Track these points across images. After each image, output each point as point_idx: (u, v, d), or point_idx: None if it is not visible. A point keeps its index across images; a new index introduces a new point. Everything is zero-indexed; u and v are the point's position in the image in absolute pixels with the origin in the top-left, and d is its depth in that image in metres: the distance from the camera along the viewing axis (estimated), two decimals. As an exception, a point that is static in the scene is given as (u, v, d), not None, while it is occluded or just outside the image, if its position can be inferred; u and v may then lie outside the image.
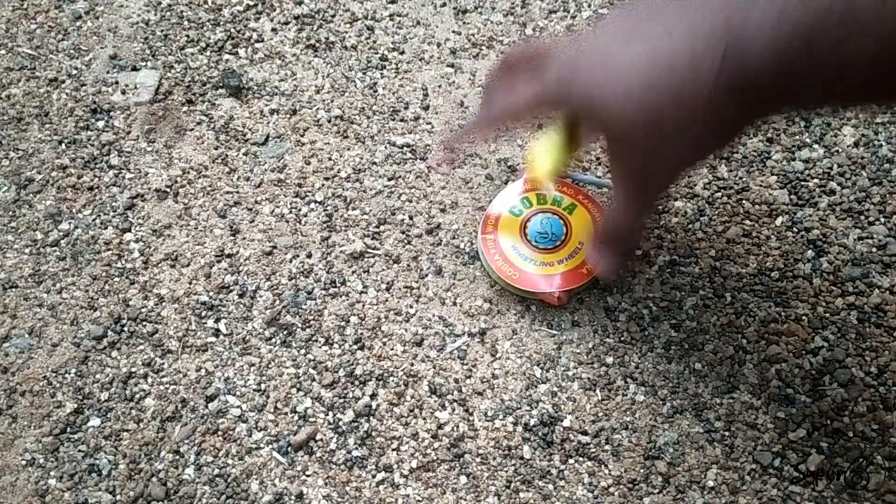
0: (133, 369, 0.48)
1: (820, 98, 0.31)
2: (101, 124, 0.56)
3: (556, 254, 0.48)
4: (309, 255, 0.51)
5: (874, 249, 0.50)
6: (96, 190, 0.54)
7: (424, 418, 0.46)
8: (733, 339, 0.47)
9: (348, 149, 0.54)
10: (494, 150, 0.54)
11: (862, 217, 0.51)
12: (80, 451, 0.46)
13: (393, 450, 0.45)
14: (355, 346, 0.48)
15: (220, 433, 0.46)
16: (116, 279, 0.51)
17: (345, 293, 0.50)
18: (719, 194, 0.52)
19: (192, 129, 0.56)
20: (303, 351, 0.48)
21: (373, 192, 0.53)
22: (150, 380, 0.48)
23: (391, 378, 0.47)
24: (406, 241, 0.51)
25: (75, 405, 0.47)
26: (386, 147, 0.54)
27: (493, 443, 0.45)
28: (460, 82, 0.56)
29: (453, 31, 0.58)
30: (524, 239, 0.49)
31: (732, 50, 0.29)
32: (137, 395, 0.47)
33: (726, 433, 0.45)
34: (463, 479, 0.44)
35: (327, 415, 0.46)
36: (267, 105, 0.56)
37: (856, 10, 0.27)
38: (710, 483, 0.44)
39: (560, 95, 0.37)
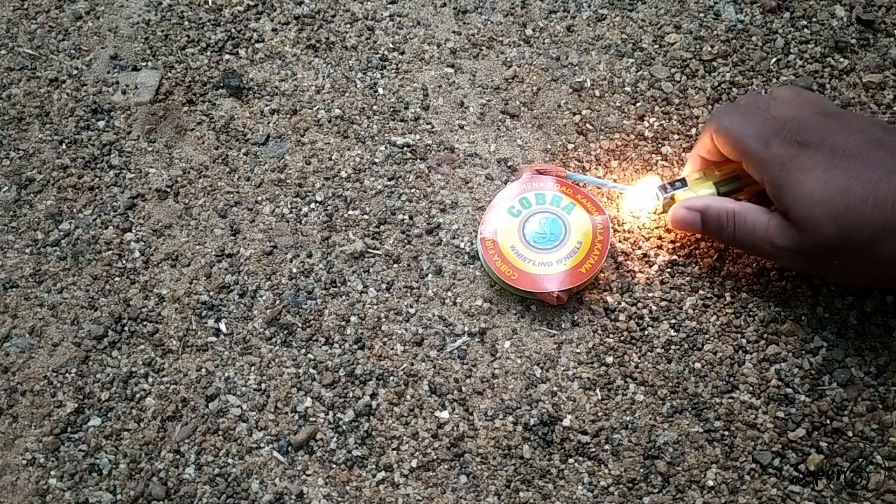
0: (133, 369, 0.48)
1: None
2: (101, 124, 0.56)
3: (554, 254, 0.48)
4: (309, 255, 0.51)
5: (874, 249, 0.50)
6: (97, 190, 0.54)
7: (424, 418, 0.46)
8: (733, 339, 0.47)
9: (348, 149, 0.54)
10: (494, 150, 0.54)
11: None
12: (80, 450, 0.46)
13: (393, 449, 0.45)
14: (355, 346, 0.48)
15: (220, 433, 0.46)
16: (117, 279, 0.51)
17: (345, 293, 0.50)
18: (719, 194, 0.52)
19: (192, 129, 0.56)
20: (303, 350, 0.48)
21: (373, 192, 0.53)
22: (150, 379, 0.48)
23: (391, 378, 0.47)
24: (406, 241, 0.51)
25: (76, 405, 0.47)
26: (386, 147, 0.54)
27: (493, 442, 0.45)
28: (460, 82, 0.56)
29: (453, 31, 0.58)
30: (523, 239, 0.49)
31: None
32: (138, 395, 0.47)
33: (726, 433, 0.45)
34: (463, 478, 0.44)
35: (327, 414, 0.46)
36: (267, 105, 0.56)
37: None
38: (710, 483, 0.44)
39: (766, 163, 0.44)
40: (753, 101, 0.47)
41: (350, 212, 0.52)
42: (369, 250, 0.51)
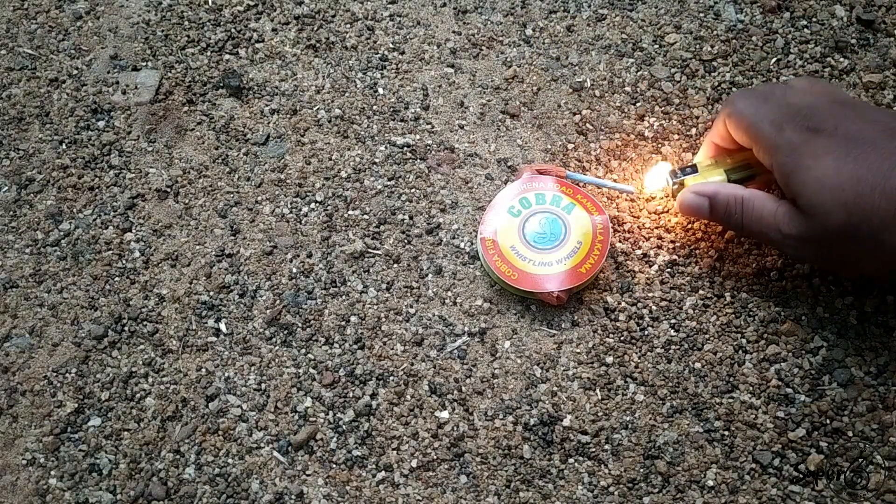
0: (133, 369, 0.48)
1: None
2: (101, 124, 0.56)
3: (554, 253, 0.48)
4: (309, 255, 0.51)
5: (874, 249, 0.50)
6: (97, 190, 0.54)
7: (424, 418, 0.46)
8: (733, 339, 0.47)
9: (348, 149, 0.54)
10: (494, 150, 0.54)
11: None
12: (80, 450, 0.46)
13: (393, 449, 0.45)
14: (355, 346, 0.48)
15: (220, 433, 0.46)
16: (117, 279, 0.51)
17: (345, 293, 0.50)
18: (719, 194, 0.52)
19: (192, 129, 0.56)
20: (303, 350, 0.48)
21: (373, 192, 0.53)
22: (150, 379, 0.48)
23: (391, 377, 0.47)
24: (406, 241, 0.51)
25: (76, 405, 0.47)
26: (386, 147, 0.54)
27: (493, 442, 0.45)
28: (460, 82, 0.56)
29: (453, 31, 0.58)
30: (523, 239, 0.49)
31: None
32: (138, 395, 0.47)
33: (726, 433, 0.45)
34: (463, 478, 0.44)
35: (327, 414, 0.46)
36: (267, 105, 0.56)
37: None
38: (710, 482, 0.44)
39: (777, 148, 0.43)
40: (769, 87, 0.46)
41: (350, 212, 0.52)
42: (369, 250, 0.51)
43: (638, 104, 0.55)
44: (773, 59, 0.56)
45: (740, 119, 0.45)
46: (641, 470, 0.44)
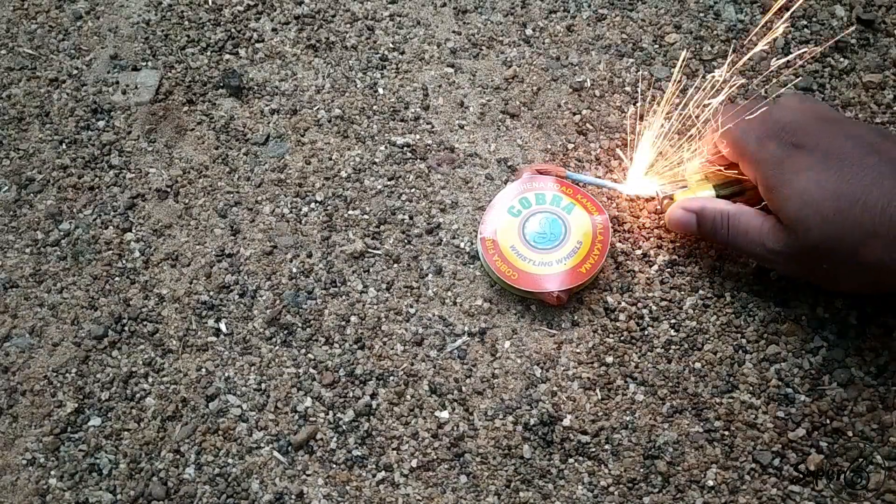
0: (134, 369, 0.48)
1: None
2: (101, 124, 0.56)
3: (554, 254, 0.48)
4: (309, 255, 0.51)
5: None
6: (97, 190, 0.54)
7: (424, 418, 0.46)
8: (733, 338, 0.47)
9: (348, 149, 0.54)
10: (494, 150, 0.54)
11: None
12: (80, 450, 0.46)
13: (393, 449, 0.45)
14: (355, 346, 0.48)
15: (220, 432, 0.46)
16: (117, 279, 0.51)
17: (345, 293, 0.50)
18: (719, 194, 0.52)
19: (192, 129, 0.56)
20: (303, 350, 0.48)
21: (373, 192, 0.53)
22: (150, 379, 0.48)
23: (391, 377, 0.47)
24: (406, 241, 0.51)
25: (76, 405, 0.47)
26: (386, 147, 0.54)
27: (493, 442, 0.45)
28: (460, 82, 0.56)
29: (453, 31, 0.58)
30: (523, 239, 0.49)
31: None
32: (138, 395, 0.47)
33: (726, 433, 0.45)
34: (463, 478, 0.44)
35: (327, 414, 0.46)
36: (267, 105, 0.56)
37: None
38: (710, 482, 0.44)
39: (761, 163, 0.44)
40: (757, 104, 0.47)
41: (350, 212, 0.52)
42: (369, 250, 0.51)
43: (638, 104, 0.55)
44: (773, 59, 0.56)
45: (727, 134, 0.45)
46: (641, 470, 0.44)
